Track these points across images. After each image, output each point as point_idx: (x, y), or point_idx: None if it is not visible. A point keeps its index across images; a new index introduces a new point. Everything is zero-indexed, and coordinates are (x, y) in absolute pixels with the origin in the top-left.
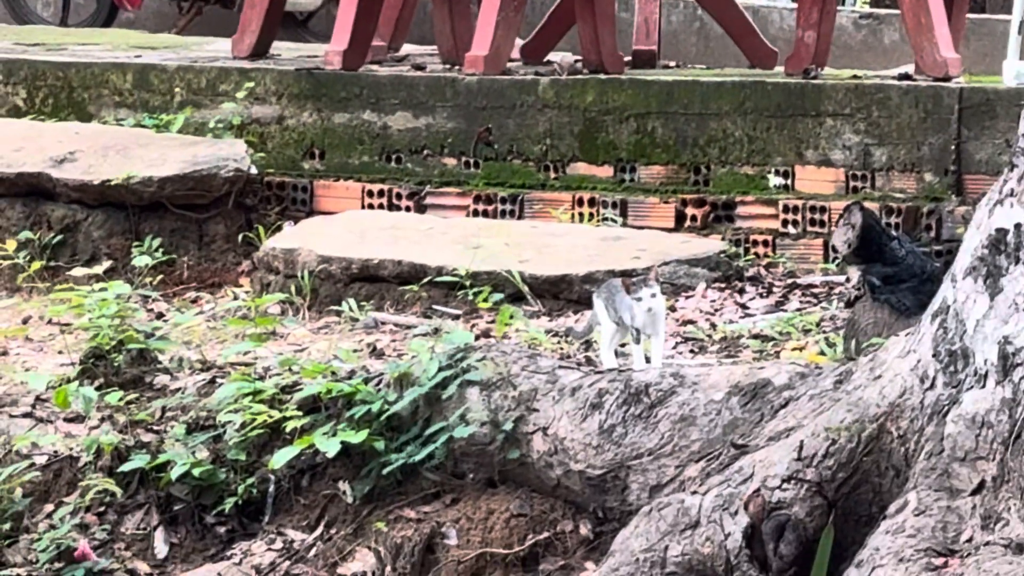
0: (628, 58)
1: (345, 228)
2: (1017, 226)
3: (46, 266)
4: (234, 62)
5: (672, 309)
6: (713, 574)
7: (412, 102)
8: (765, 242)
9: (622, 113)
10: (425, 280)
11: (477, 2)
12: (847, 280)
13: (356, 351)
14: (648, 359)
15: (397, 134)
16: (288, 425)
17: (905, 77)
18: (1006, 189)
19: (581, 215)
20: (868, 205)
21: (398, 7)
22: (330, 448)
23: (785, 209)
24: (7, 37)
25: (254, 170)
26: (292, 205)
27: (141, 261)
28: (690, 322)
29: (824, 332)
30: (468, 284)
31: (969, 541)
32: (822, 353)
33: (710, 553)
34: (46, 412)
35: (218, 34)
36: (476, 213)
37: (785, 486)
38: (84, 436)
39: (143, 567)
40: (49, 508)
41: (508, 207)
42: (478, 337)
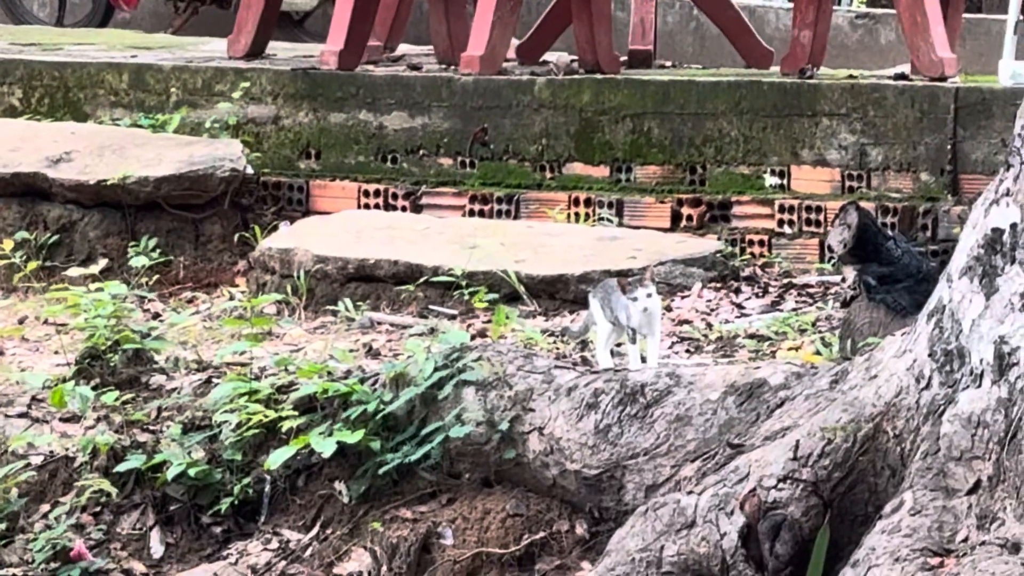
0: (624, 58)
1: (341, 228)
2: (1013, 226)
3: (42, 266)
4: (230, 62)
5: (668, 309)
6: (709, 574)
7: (408, 102)
8: (761, 242)
9: (618, 113)
10: (421, 280)
11: (473, 2)
12: (843, 280)
13: (352, 351)
14: (644, 359)
15: (393, 134)
16: (284, 425)
17: (901, 77)
18: (1002, 189)
19: (577, 215)
20: (864, 205)
21: (394, 7)
22: (326, 448)
23: (781, 209)
24: (3, 37)
25: (250, 170)
26: (288, 205)
27: (137, 261)
28: (686, 322)
29: (820, 332)
30: (464, 284)
31: (965, 541)
32: (818, 353)
33: (706, 553)
34: (42, 412)
35: (214, 34)
36: (472, 213)
37: (781, 486)
38: (80, 436)
39: (139, 567)
40: (45, 508)
41: (504, 207)
42: (474, 337)
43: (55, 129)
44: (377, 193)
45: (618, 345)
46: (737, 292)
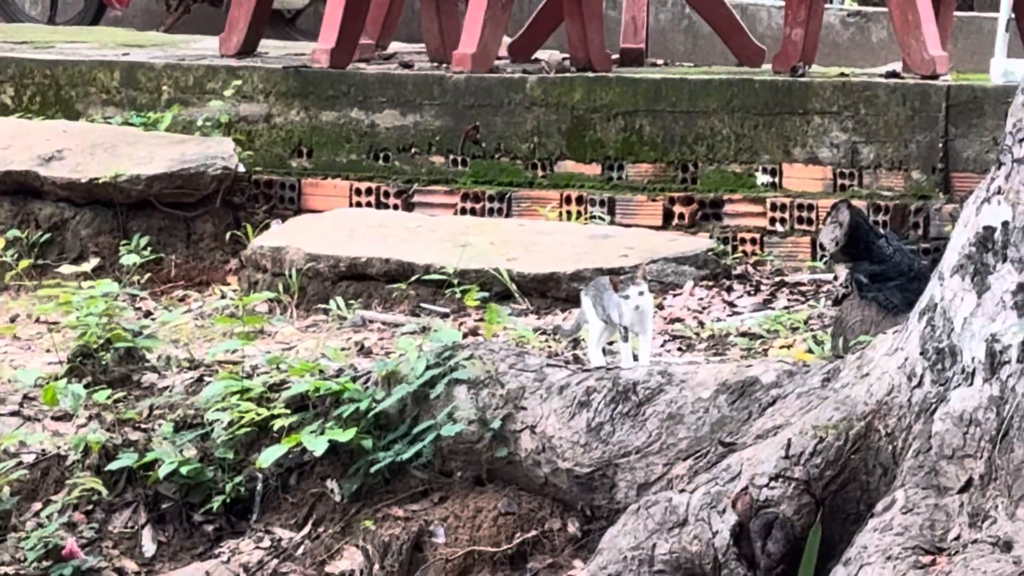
0: (616, 56)
1: (333, 226)
2: (1004, 224)
3: (34, 264)
4: (222, 60)
5: (660, 307)
6: (701, 572)
7: (400, 100)
8: (753, 240)
9: (610, 111)
10: (413, 278)
11: (465, 0)
12: (835, 278)
13: (344, 349)
14: (636, 357)
15: (385, 132)
16: (276, 423)
17: (893, 75)
18: (993, 187)
19: (569, 213)
20: (856, 203)
21: (386, 5)
22: (318, 446)
23: (773, 207)
24: None
25: (242, 168)
26: (280, 203)
27: (129, 259)
28: (678, 320)
29: (812, 330)
30: (456, 282)
31: (957, 539)
32: (810, 351)
33: (698, 551)
34: (34, 410)
35: (206, 32)
36: (464, 211)
37: (773, 484)
38: (72, 434)
39: (131, 565)
40: (37, 506)
41: (496, 205)
42: (466, 335)
43: (47, 127)
44: (369, 191)
45: (610, 343)
46: (729, 290)
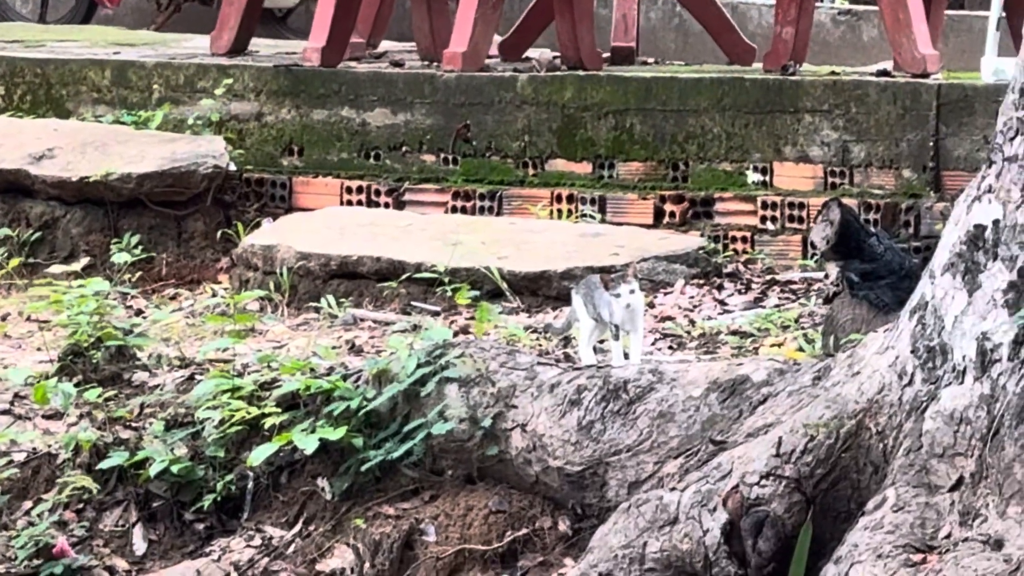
0: (606, 54)
1: (324, 225)
2: (995, 222)
3: (24, 263)
4: (213, 59)
5: (651, 305)
6: (692, 570)
7: (391, 99)
8: (744, 238)
9: (600, 109)
10: (404, 277)
11: None
12: (825, 276)
13: (335, 348)
14: (627, 355)
15: (376, 131)
16: (267, 422)
17: (883, 73)
18: (984, 185)
19: (560, 211)
20: (847, 201)
21: (376, 4)
22: (309, 445)
23: (764, 205)
24: None
25: (233, 167)
26: (271, 202)
27: (120, 258)
28: (669, 318)
29: (803, 328)
30: (447, 281)
31: (947, 537)
32: (801, 349)
33: (689, 549)
34: (24, 409)
35: (196, 31)
36: (455, 210)
37: (764, 482)
38: (63, 433)
39: (122, 564)
40: (28, 505)
41: (487, 204)
42: (457, 334)
43: (38, 126)
44: (360, 190)
45: (601, 342)
46: (720, 288)
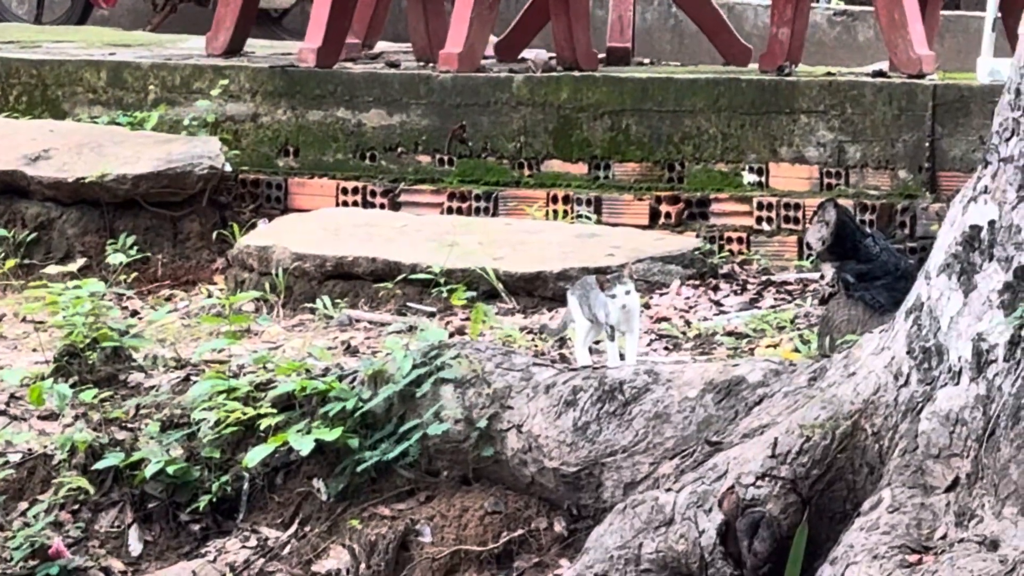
0: (602, 55)
1: (319, 225)
2: (991, 223)
3: (20, 264)
4: (208, 60)
5: (646, 306)
6: (687, 571)
7: (386, 100)
8: (739, 239)
9: (596, 110)
10: (399, 278)
11: None
12: (821, 277)
13: (330, 349)
14: (622, 356)
15: (371, 132)
16: (262, 423)
17: (879, 74)
18: (980, 186)
19: (555, 212)
20: (842, 202)
21: (372, 5)
22: (304, 446)
23: (759, 206)
24: None
25: (228, 168)
26: (266, 203)
27: (115, 259)
28: (664, 319)
29: (798, 329)
30: (442, 281)
31: (943, 538)
32: (796, 350)
33: (684, 550)
34: (20, 410)
35: (192, 32)
36: (450, 210)
37: (759, 483)
38: (58, 434)
39: (117, 565)
40: (23, 506)
41: (482, 204)
42: (452, 335)
43: (33, 127)
44: (355, 191)
45: (596, 343)
46: (716, 289)
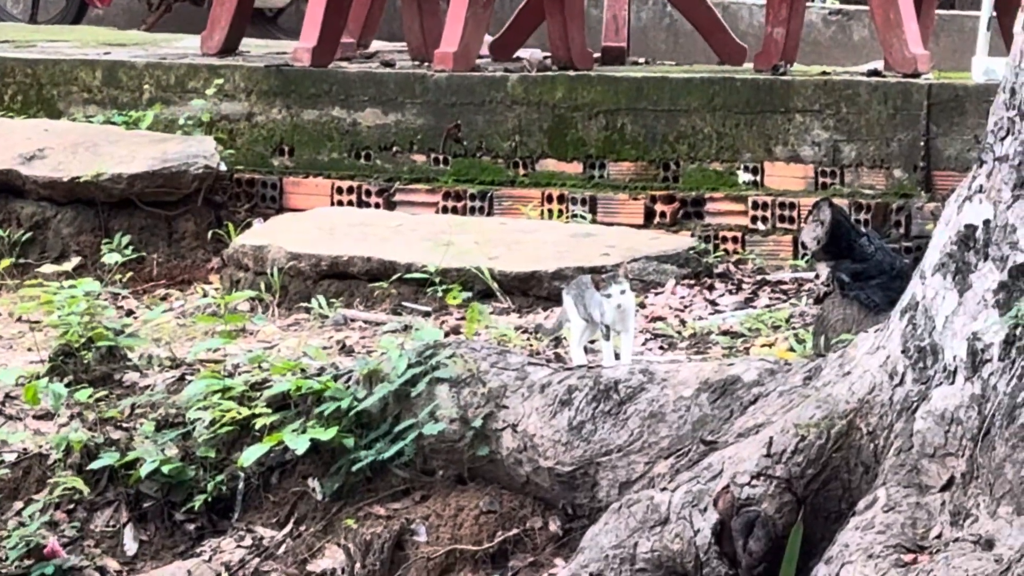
0: (597, 54)
1: (314, 225)
2: (986, 222)
3: (15, 263)
4: (203, 59)
5: (641, 306)
6: (683, 570)
7: (381, 99)
8: (734, 238)
9: (591, 109)
10: (395, 277)
11: None
12: (816, 276)
13: (326, 348)
14: (618, 356)
15: (366, 131)
16: (257, 422)
17: (874, 73)
18: (975, 185)
19: (550, 212)
20: (837, 201)
21: (367, 4)
22: (299, 445)
23: (754, 205)
24: None
25: (223, 167)
26: (261, 202)
27: (110, 258)
28: (659, 319)
29: (793, 328)
30: (438, 281)
31: (938, 537)
32: (791, 349)
33: (679, 549)
34: (15, 409)
35: (187, 31)
36: (445, 210)
37: (754, 483)
38: (53, 433)
39: (112, 564)
40: (18, 505)
41: (477, 204)
42: (447, 334)
43: (28, 126)
44: (350, 190)
45: (592, 342)
46: (711, 289)
